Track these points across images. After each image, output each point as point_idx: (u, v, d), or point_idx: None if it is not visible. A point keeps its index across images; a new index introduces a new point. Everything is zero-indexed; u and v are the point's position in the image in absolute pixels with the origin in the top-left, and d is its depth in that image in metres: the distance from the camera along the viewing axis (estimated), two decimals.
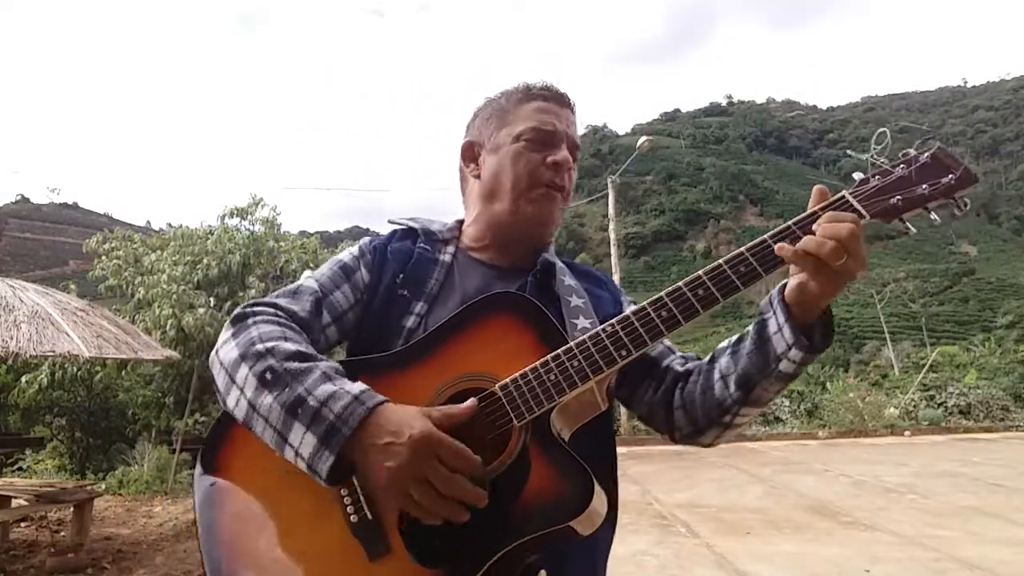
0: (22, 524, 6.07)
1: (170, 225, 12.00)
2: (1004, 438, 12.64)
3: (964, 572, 4.30)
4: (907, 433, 13.24)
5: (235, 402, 0.83)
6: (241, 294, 9.38)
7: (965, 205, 0.84)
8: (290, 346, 0.84)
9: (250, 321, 0.89)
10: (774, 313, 0.86)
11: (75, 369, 8.98)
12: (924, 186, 0.83)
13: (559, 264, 1.07)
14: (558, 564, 0.86)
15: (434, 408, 0.80)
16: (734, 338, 0.96)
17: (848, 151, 0.89)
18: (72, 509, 5.54)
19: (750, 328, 0.92)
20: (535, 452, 0.82)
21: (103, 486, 7.61)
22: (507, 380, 0.84)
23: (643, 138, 16.63)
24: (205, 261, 9.52)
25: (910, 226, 0.85)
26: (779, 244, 0.81)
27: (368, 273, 1.04)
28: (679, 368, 1.03)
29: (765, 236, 0.84)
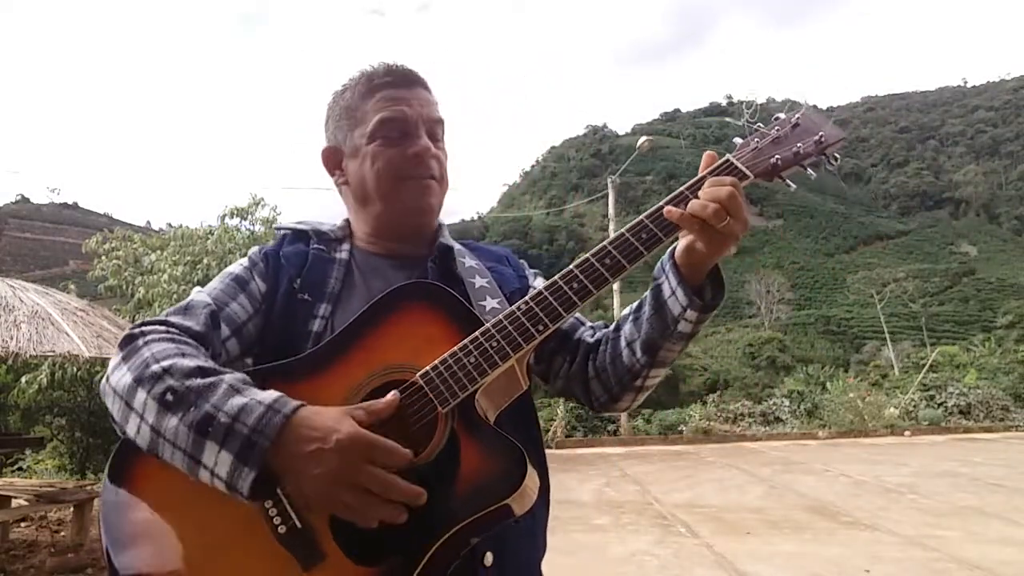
0: (22, 524, 6.07)
1: (170, 225, 12.01)
2: (1004, 438, 12.65)
3: (964, 572, 4.30)
4: (907, 433, 13.25)
5: (136, 430, 0.77)
6: None
7: (836, 159, 0.91)
8: (189, 362, 0.79)
9: (140, 342, 0.83)
10: (666, 277, 0.91)
11: (75, 369, 8.96)
12: (798, 144, 0.89)
13: (457, 247, 1.07)
14: (500, 545, 0.86)
15: (356, 407, 0.78)
16: (635, 304, 0.99)
17: (727, 119, 0.94)
18: (72, 509, 5.54)
19: (647, 294, 0.95)
20: (463, 436, 0.81)
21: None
22: (427, 368, 0.83)
23: (643, 138, 16.66)
24: (205, 261, 9.51)
25: (790, 183, 0.92)
26: (667, 208, 0.86)
27: (263, 281, 1.00)
28: (589, 339, 1.06)
29: (661, 203, 0.88)
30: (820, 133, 0.90)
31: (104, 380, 0.84)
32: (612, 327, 1.04)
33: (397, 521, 0.73)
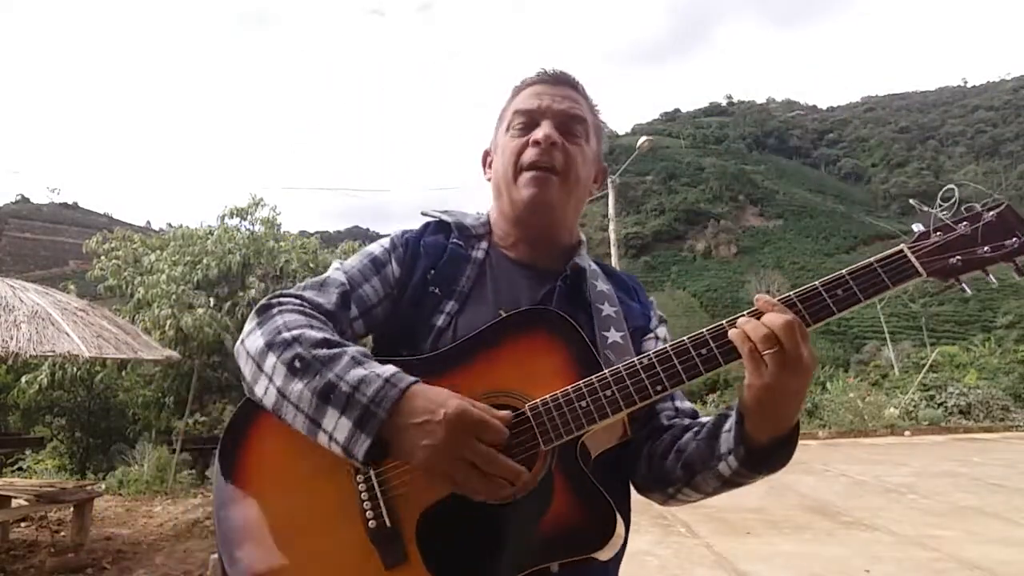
0: (22, 524, 6.07)
1: (170, 225, 12.01)
2: (1004, 438, 12.64)
3: (964, 572, 4.30)
4: (907, 433, 13.24)
5: (264, 391, 0.82)
6: (241, 294, 9.38)
7: (1022, 272, 0.79)
8: (316, 334, 0.83)
9: (275, 311, 0.88)
10: (734, 410, 0.84)
11: (75, 369, 8.98)
12: (986, 248, 0.78)
13: (591, 268, 1.04)
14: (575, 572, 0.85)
15: (473, 401, 0.79)
16: (711, 419, 0.92)
17: (911, 201, 0.84)
18: (72, 509, 5.53)
19: (718, 414, 0.90)
20: (559, 478, 0.81)
21: (103, 486, 7.60)
22: (538, 402, 0.83)
23: (643, 138, 16.65)
24: (205, 261, 9.52)
25: (966, 288, 0.80)
26: (732, 328, 0.80)
27: (399, 267, 1.01)
28: (664, 421, 1.01)
29: (820, 282, 0.82)
30: (1016, 238, 0.77)
31: (239, 342, 0.88)
32: (686, 422, 0.99)
33: (499, 496, 0.75)
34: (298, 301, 0.91)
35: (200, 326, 8.36)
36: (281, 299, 0.91)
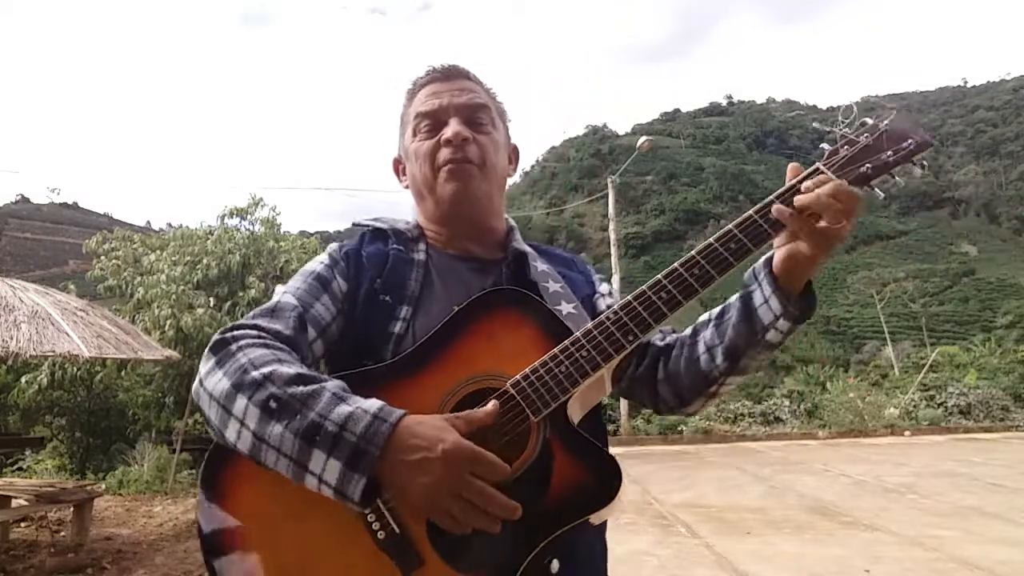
0: (22, 524, 6.07)
1: (170, 225, 12.04)
2: (1004, 438, 12.65)
3: (964, 572, 4.30)
4: (907, 433, 13.25)
5: (236, 435, 0.77)
6: (241, 294, 9.38)
7: (924, 167, 0.88)
8: (288, 369, 0.79)
9: (234, 347, 0.83)
10: (759, 285, 0.90)
11: (75, 369, 8.98)
12: (888, 152, 0.87)
13: (529, 251, 1.07)
14: (566, 550, 0.86)
15: (456, 416, 0.78)
16: (716, 311, 0.98)
17: (814, 122, 0.92)
18: (72, 509, 5.54)
19: (733, 300, 0.94)
20: (556, 445, 0.82)
21: (103, 486, 7.60)
22: (518, 377, 0.84)
23: (643, 138, 16.64)
24: (205, 261, 9.52)
25: (879, 191, 0.89)
26: (776, 206, 0.84)
27: (345, 281, 1.00)
28: (659, 343, 1.06)
29: (750, 212, 0.87)
30: (910, 139, 0.87)
31: (197, 384, 0.83)
32: (688, 331, 1.03)
33: (491, 531, 0.74)
34: (256, 332, 0.86)
35: (200, 326, 8.37)
36: (236, 332, 0.86)
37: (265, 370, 0.79)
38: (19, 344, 4.75)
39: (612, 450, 0.84)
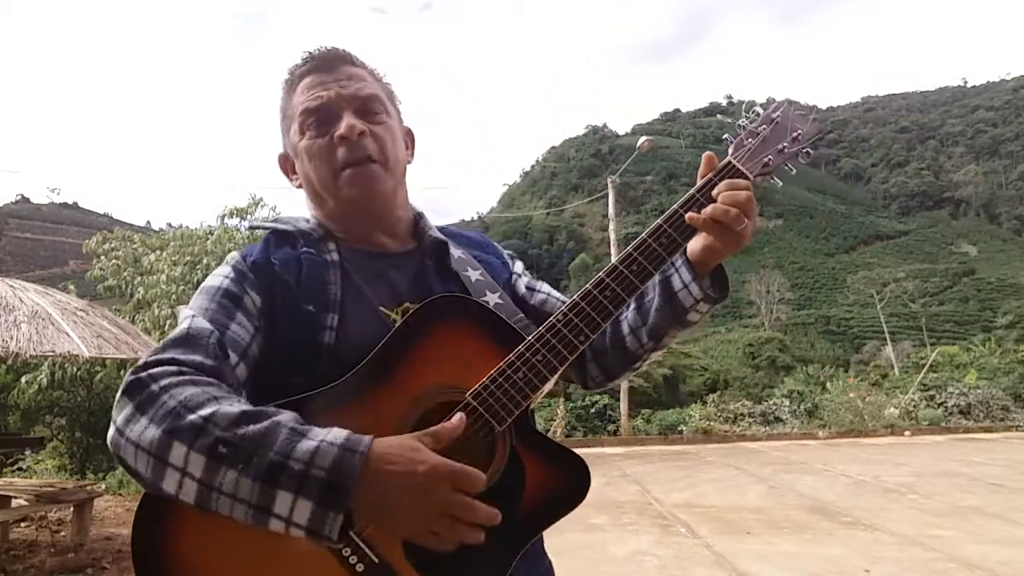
0: (22, 524, 6.07)
1: (170, 225, 12.03)
2: (1004, 438, 12.65)
3: (964, 572, 4.30)
4: (907, 433, 13.25)
5: (177, 486, 0.69)
6: None
7: (810, 154, 0.95)
8: (231, 408, 0.71)
9: (155, 388, 0.73)
10: (677, 271, 0.95)
11: (75, 369, 8.98)
12: (784, 143, 0.93)
13: (443, 238, 1.04)
14: None
15: (423, 433, 0.75)
16: (652, 290, 1.03)
17: (726, 118, 0.97)
18: (72, 509, 5.54)
19: (651, 284, 0.96)
20: (524, 451, 0.82)
21: (103, 486, 7.60)
22: (478, 387, 0.82)
23: (643, 138, 16.65)
24: (205, 261, 9.52)
25: (777, 179, 0.96)
26: (689, 215, 0.88)
27: (257, 295, 0.91)
28: None
29: (675, 206, 0.91)
30: (798, 130, 0.94)
31: (115, 433, 0.73)
32: None
33: (476, 542, 0.73)
34: (175, 368, 0.77)
35: None
36: (152, 371, 0.76)
37: (204, 412, 0.70)
38: (19, 344, 4.75)
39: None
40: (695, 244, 0.93)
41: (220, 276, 0.93)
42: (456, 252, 1.02)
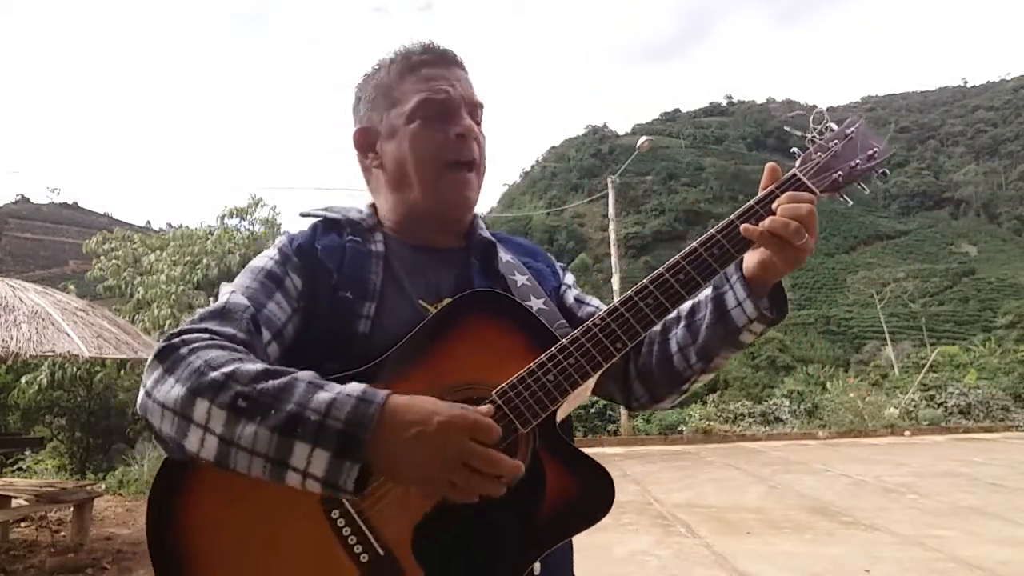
0: (22, 524, 6.07)
1: (170, 225, 12.04)
2: (1004, 438, 12.65)
3: (964, 572, 4.30)
4: (907, 433, 13.25)
5: (199, 444, 0.70)
6: None
7: (886, 174, 0.91)
8: (252, 366, 0.72)
9: (184, 350, 0.75)
10: (731, 288, 0.89)
11: (75, 369, 8.99)
12: (857, 160, 0.88)
13: (494, 240, 1.03)
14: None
15: (450, 404, 0.75)
16: (685, 308, 0.97)
17: (785, 127, 0.94)
18: (72, 509, 5.54)
19: (703, 300, 0.93)
20: (546, 457, 0.79)
21: (103, 486, 7.61)
22: (505, 386, 0.80)
23: (643, 138, 16.66)
24: (205, 261, 9.53)
25: (847, 198, 0.91)
26: (744, 226, 0.84)
27: (299, 277, 0.92)
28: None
29: (732, 217, 0.86)
30: (874, 148, 0.89)
31: (143, 396, 0.75)
32: (658, 328, 1.00)
33: (497, 495, 0.71)
34: (207, 335, 0.78)
35: None
36: (184, 336, 0.77)
37: (226, 369, 0.71)
38: (19, 344, 4.75)
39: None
40: (751, 259, 0.88)
41: (265, 257, 0.95)
42: (505, 256, 1.01)
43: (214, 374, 0.71)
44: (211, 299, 9.56)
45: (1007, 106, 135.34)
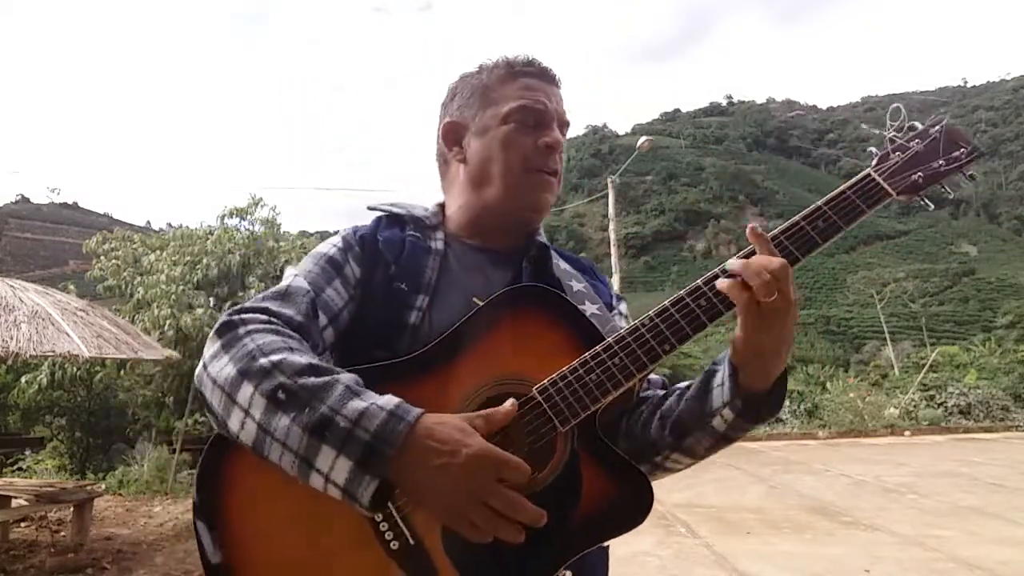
0: (22, 524, 6.07)
1: (170, 225, 12.04)
2: (1004, 438, 12.65)
3: (964, 572, 4.30)
4: (907, 433, 13.25)
5: (240, 425, 0.72)
6: (241, 294, 9.37)
7: (973, 178, 0.85)
8: (300, 359, 0.74)
9: (241, 331, 0.78)
10: (723, 365, 0.84)
11: (75, 369, 8.98)
12: (940, 161, 0.83)
13: (548, 245, 1.04)
14: (578, 561, 0.81)
15: (475, 415, 0.74)
16: (699, 377, 0.91)
17: (862, 124, 0.89)
18: (72, 509, 5.54)
19: (706, 370, 0.89)
20: (585, 458, 0.78)
21: (103, 486, 7.61)
22: (545, 382, 0.79)
23: (643, 138, 16.64)
24: (205, 261, 9.51)
25: (928, 202, 0.85)
26: (721, 280, 0.78)
27: (358, 266, 0.95)
28: (639, 393, 0.99)
29: (782, 228, 0.82)
30: (962, 149, 0.83)
31: (200, 368, 0.78)
32: (662, 391, 0.97)
33: (515, 541, 0.69)
34: (265, 317, 0.81)
35: (200, 326, 8.36)
36: (244, 315, 0.80)
37: (275, 358, 0.74)
38: (19, 344, 4.75)
39: None
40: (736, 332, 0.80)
41: (330, 244, 0.98)
42: (562, 264, 1.02)
43: (263, 360, 0.73)
44: (211, 299, 9.55)
45: (1007, 106, 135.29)
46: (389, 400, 0.71)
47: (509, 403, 0.75)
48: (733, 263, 0.78)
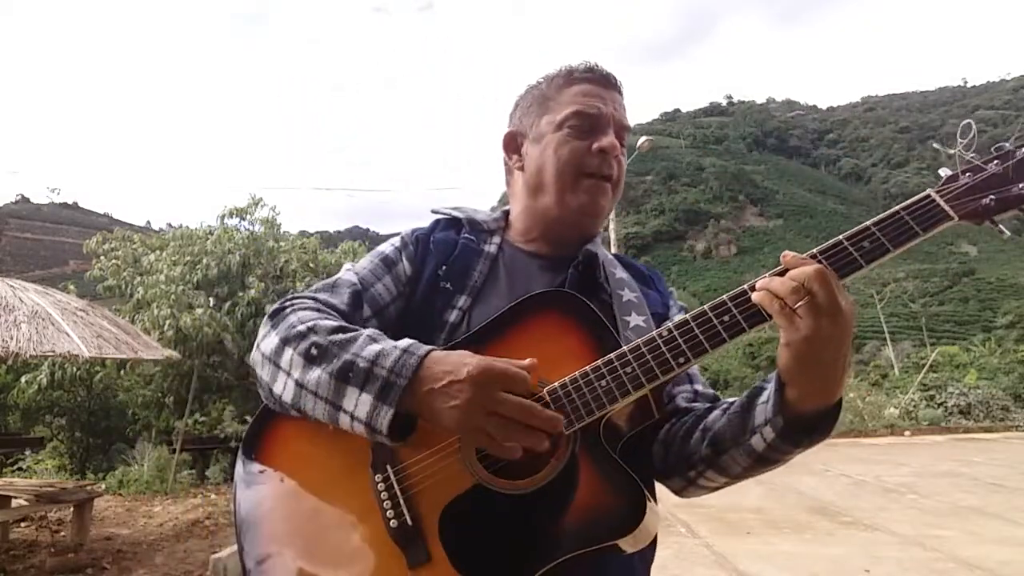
0: (22, 524, 6.07)
1: (170, 225, 12.03)
2: (1004, 438, 12.65)
3: (964, 572, 4.30)
4: (907, 433, 13.25)
5: (283, 387, 0.82)
6: (241, 294, 9.37)
7: None
8: (331, 322, 0.84)
9: (288, 311, 0.88)
10: (772, 381, 0.80)
11: (75, 369, 8.98)
12: (1020, 185, 0.74)
13: (607, 256, 1.03)
14: (598, 572, 0.82)
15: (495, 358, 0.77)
16: (745, 393, 0.88)
17: (934, 144, 0.83)
18: (72, 509, 5.54)
19: (757, 384, 0.86)
20: (584, 462, 0.78)
21: (103, 486, 7.61)
22: (556, 384, 0.80)
23: (643, 138, 16.66)
24: (204, 261, 9.51)
25: (1004, 229, 0.77)
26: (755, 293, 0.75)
27: (410, 265, 1.00)
28: (682, 403, 0.98)
29: (843, 236, 0.77)
30: None
31: (255, 349, 0.89)
32: (711, 403, 0.95)
33: (539, 448, 0.72)
34: (312, 302, 0.91)
35: (199, 326, 8.36)
36: (294, 301, 0.91)
37: (310, 323, 0.83)
38: (19, 344, 4.74)
39: None
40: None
41: (388, 243, 1.05)
42: (619, 273, 1.01)
43: (300, 327, 0.83)
44: (211, 299, 9.53)
45: (1007, 106, 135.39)
46: (403, 341, 0.79)
47: (528, 360, 0.77)
48: (763, 278, 0.76)
